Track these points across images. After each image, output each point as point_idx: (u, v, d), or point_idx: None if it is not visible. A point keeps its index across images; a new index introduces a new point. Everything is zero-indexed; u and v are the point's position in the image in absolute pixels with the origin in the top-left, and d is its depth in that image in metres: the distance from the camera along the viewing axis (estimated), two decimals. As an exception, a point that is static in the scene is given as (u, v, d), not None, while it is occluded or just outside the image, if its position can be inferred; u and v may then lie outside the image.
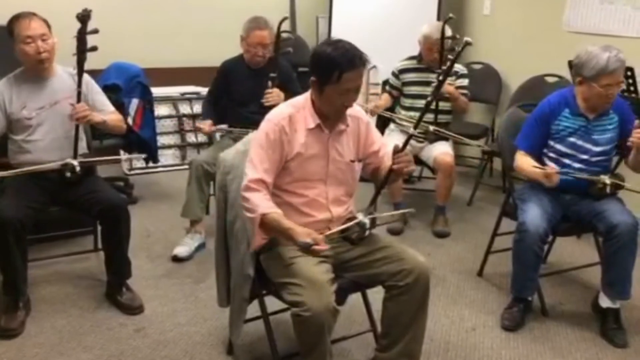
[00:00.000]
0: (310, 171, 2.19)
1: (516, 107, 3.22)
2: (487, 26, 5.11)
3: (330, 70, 2.05)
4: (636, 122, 2.66)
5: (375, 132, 2.36)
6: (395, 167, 2.14)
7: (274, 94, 3.38)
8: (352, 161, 2.27)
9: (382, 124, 4.12)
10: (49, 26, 2.79)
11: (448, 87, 3.71)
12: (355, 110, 2.26)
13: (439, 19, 4.81)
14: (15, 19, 2.75)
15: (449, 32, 3.72)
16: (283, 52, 3.48)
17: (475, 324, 2.84)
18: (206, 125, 3.56)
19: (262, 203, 2.07)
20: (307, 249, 1.94)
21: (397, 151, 2.13)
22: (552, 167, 2.72)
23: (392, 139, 3.43)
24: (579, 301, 3.06)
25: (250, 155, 2.16)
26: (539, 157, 2.86)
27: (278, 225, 2.04)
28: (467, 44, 2.19)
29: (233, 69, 3.66)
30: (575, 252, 3.59)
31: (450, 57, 2.30)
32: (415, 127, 2.25)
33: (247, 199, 2.10)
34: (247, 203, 2.10)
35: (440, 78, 2.22)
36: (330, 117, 2.18)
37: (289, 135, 2.14)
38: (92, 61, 2.86)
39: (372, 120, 3.44)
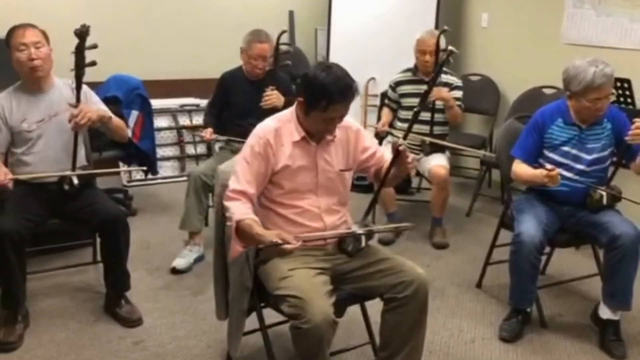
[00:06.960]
0: (300, 182, 2.21)
1: (514, 118, 3.24)
2: (485, 38, 5.14)
3: (318, 98, 2.08)
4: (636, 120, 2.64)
5: (366, 137, 2.38)
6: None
7: (273, 95, 3.39)
8: (342, 170, 2.29)
9: (379, 138, 4.12)
10: (47, 37, 2.79)
11: (442, 92, 3.71)
12: (344, 120, 2.26)
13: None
14: (13, 29, 2.77)
15: (443, 43, 3.75)
16: (282, 64, 3.50)
17: (475, 336, 2.84)
18: (207, 133, 3.56)
19: (238, 210, 2.09)
20: (277, 249, 1.96)
21: (396, 147, 2.17)
22: (551, 167, 2.67)
23: (388, 151, 3.45)
24: (577, 313, 3.06)
25: (234, 168, 2.18)
26: (534, 168, 2.87)
27: (249, 231, 2.05)
28: (452, 52, 2.23)
29: (232, 80, 3.67)
30: (573, 263, 3.59)
31: (444, 69, 2.34)
32: (405, 138, 2.26)
33: (227, 208, 2.13)
34: (227, 212, 2.13)
35: (428, 86, 2.24)
36: (313, 134, 2.21)
37: (274, 149, 2.16)
38: (92, 74, 2.86)
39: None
